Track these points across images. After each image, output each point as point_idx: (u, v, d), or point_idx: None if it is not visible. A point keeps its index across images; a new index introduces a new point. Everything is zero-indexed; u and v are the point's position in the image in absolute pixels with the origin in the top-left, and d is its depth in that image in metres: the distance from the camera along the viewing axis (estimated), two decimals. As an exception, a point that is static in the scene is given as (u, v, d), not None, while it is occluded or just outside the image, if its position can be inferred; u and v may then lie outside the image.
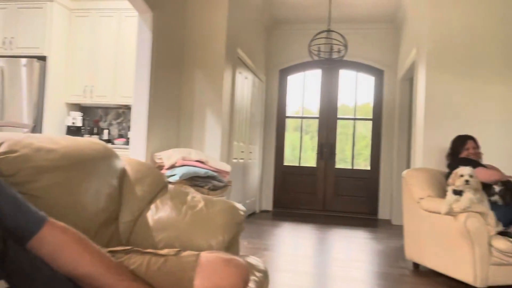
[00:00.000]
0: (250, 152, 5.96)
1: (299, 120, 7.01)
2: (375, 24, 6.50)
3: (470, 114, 3.99)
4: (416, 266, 3.42)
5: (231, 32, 4.68)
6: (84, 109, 5.29)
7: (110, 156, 1.67)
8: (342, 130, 6.88)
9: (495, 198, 3.10)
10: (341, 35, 5.12)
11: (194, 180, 3.72)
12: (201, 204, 1.79)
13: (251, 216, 6.11)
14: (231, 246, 1.77)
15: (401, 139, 6.01)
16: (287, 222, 5.72)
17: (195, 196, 1.88)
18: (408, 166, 5.60)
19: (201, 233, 1.68)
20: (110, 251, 1.09)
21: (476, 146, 3.52)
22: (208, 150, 4.44)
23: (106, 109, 5.28)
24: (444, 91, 4.05)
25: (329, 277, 3.24)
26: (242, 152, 5.49)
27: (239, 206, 1.87)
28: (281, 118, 6.95)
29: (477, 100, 3.99)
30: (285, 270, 3.37)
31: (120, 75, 4.85)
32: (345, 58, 6.04)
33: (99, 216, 1.50)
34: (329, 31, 5.10)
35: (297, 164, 6.96)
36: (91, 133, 5.14)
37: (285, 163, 6.97)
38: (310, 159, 6.94)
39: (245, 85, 5.54)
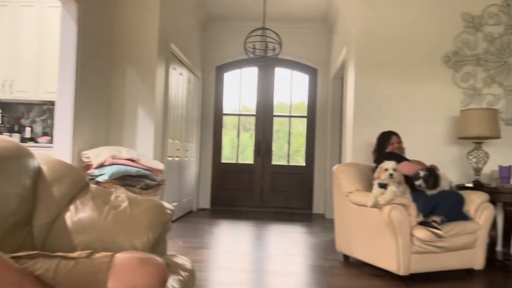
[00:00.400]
0: (187, 150, 5.86)
1: (238, 117, 7.01)
2: (309, 23, 6.65)
3: (396, 111, 4.20)
4: (346, 258, 3.55)
5: (163, 27, 4.57)
6: (3, 105, 4.91)
7: (22, 155, 1.55)
8: (279, 127, 6.98)
9: (419, 182, 3.26)
10: (276, 33, 5.18)
11: (125, 180, 3.59)
12: (125, 204, 1.72)
13: (188, 214, 6.02)
14: (157, 246, 1.72)
15: (334, 135, 6.22)
16: (225, 220, 5.71)
17: (119, 195, 1.80)
18: (340, 162, 5.80)
19: (124, 234, 1.62)
20: (13, 257, 1.01)
21: (400, 141, 3.71)
22: (141, 148, 4.31)
23: (29, 105, 4.94)
24: (372, 90, 4.24)
25: (265, 273, 3.27)
26: (178, 150, 5.39)
27: (166, 205, 1.82)
28: (218, 116, 6.91)
29: (402, 98, 4.21)
30: (222, 267, 3.35)
31: (44, 69, 4.54)
32: (280, 56, 6.13)
33: (8, 219, 1.39)
34: (264, 28, 5.14)
35: (235, 162, 6.96)
36: (11, 131, 4.78)
37: (223, 161, 6.95)
38: (250, 157, 6.97)
39: (180, 81, 5.44)
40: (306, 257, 3.80)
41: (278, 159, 6.94)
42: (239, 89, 6.99)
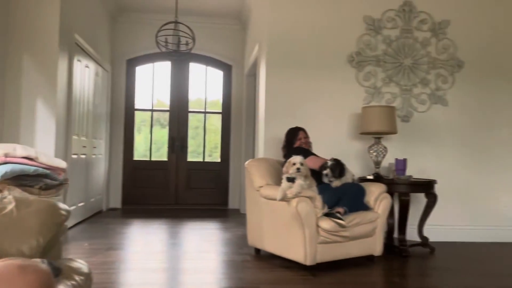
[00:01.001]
0: (94, 147, 5.55)
1: (151, 113, 6.79)
2: (223, 19, 6.65)
3: (304, 108, 4.36)
4: (257, 251, 3.61)
5: (66, 15, 4.26)
6: None
7: None
8: (194, 123, 6.90)
9: (327, 171, 3.44)
10: (189, 28, 5.09)
11: (21, 179, 3.29)
12: (11, 206, 1.57)
13: (97, 215, 5.71)
14: (49, 250, 1.60)
15: (248, 132, 6.30)
16: (137, 219, 5.51)
17: (5, 197, 1.64)
18: (254, 157, 5.89)
19: (9, 238, 1.48)
20: None
21: (307, 136, 3.87)
22: (41, 146, 3.99)
23: None
24: (282, 87, 4.36)
25: (178, 271, 3.21)
26: (84, 147, 5.08)
27: (61, 205, 1.69)
28: (130, 111, 6.64)
29: (310, 95, 4.39)
30: (133, 268, 3.22)
31: None
32: (194, 52, 6.06)
33: None
34: (176, 22, 5.02)
35: (148, 159, 6.75)
36: None
37: (136, 158, 6.70)
38: (166, 153, 6.80)
39: (86, 74, 5.12)
40: (220, 252, 3.81)
41: (195, 156, 6.86)
42: (152, 84, 6.77)
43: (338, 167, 3.45)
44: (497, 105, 4.54)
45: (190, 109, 6.81)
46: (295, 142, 3.83)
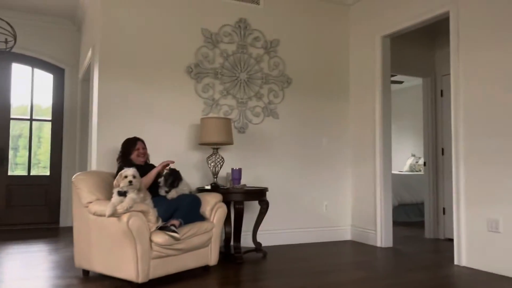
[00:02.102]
0: None
1: (-42, 119, 5.74)
2: (55, 18, 6.05)
3: (142, 117, 4.20)
4: (86, 273, 3.31)
5: None
6: None
7: None
8: (18, 132, 6.07)
9: (161, 179, 3.41)
10: (9, 24, 4.47)
11: None
12: None
13: None
14: None
15: (83, 142, 5.82)
16: None
17: None
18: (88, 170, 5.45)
19: None
20: None
21: (144, 147, 3.73)
22: None
23: None
24: (117, 94, 4.13)
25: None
26: None
27: None
28: None
29: (149, 105, 4.25)
30: None
31: None
32: (19, 52, 5.38)
33: None
34: (-9, 16, 4.36)
35: (-45, 174, 5.68)
36: None
37: None
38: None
39: None
40: (42, 278, 3.37)
41: (19, 169, 6.02)
42: (-38, 86, 5.75)
43: (171, 176, 3.41)
44: (319, 118, 5.09)
45: (12, 116, 5.98)
46: (131, 153, 3.65)
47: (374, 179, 4.83)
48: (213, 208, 3.52)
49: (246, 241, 4.38)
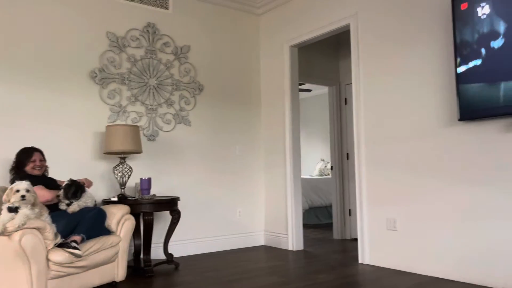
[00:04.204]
0: None
1: None
2: None
3: (39, 125, 3.87)
4: (-30, 301, 2.94)
5: None
6: None
7: None
8: None
9: (60, 192, 3.21)
10: None
11: None
12: None
13: None
14: None
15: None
16: None
17: None
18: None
19: None
20: None
21: (42, 158, 3.43)
22: None
23: None
24: (9, 100, 3.75)
25: None
26: None
27: None
28: None
29: (48, 111, 3.92)
30: None
31: None
32: None
33: None
34: None
35: None
36: None
37: None
38: None
39: None
40: None
41: None
42: None
43: (72, 188, 3.19)
44: (231, 125, 5.11)
45: None
46: (27, 164, 3.34)
47: (285, 184, 4.96)
48: (120, 220, 3.34)
49: (158, 253, 4.23)
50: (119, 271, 3.28)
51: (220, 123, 5.03)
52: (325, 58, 5.79)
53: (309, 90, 8.39)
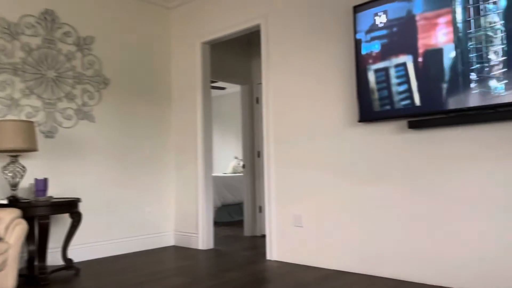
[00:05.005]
0: None
1: None
2: None
3: None
4: None
5: None
6: None
7: None
8: None
9: None
10: None
11: None
12: None
13: None
14: None
15: None
16: None
17: None
18: None
19: None
20: None
21: None
22: None
23: None
24: None
25: None
26: None
27: None
28: None
29: None
30: None
31: None
32: None
33: None
34: None
35: None
36: None
37: None
38: None
39: None
40: None
41: None
42: None
43: None
44: (140, 122, 4.91)
45: None
46: None
47: (196, 182, 4.89)
48: (9, 226, 3.02)
49: (58, 259, 3.92)
50: (8, 281, 2.97)
51: (128, 120, 4.81)
52: (237, 57, 5.81)
53: (223, 88, 8.39)
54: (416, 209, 3.20)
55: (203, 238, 4.79)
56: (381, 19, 3.26)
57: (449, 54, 2.90)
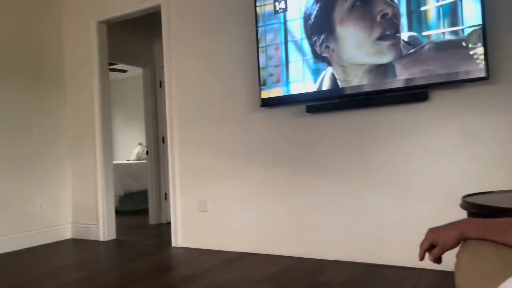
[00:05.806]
0: None
1: None
2: None
3: None
4: None
5: None
6: None
7: None
8: None
9: None
10: None
11: None
12: None
13: None
14: None
15: None
16: None
17: None
18: None
19: None
20: None
21: None
22: None
23: None
24: None
25: None
26: None
27: None
28: None
29: None
30: None
31: None
32: None
33: None
34: None
35: None
36: None
37: None
38: None
39: None
40: None
41: None
42: None
43: None
44: (26, 107, 4.47)
45: None
46: None
47: (95, 171, 4.61)
48: None
49: None
50: None
51: (12, 105, 4.34)
52: (139, 39, 5.55)
53: (124, 71, 7.98)
54: (313, 189, 3.36)
55: (103, 229, 4.56)
56: (280, 5, 3.32)
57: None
